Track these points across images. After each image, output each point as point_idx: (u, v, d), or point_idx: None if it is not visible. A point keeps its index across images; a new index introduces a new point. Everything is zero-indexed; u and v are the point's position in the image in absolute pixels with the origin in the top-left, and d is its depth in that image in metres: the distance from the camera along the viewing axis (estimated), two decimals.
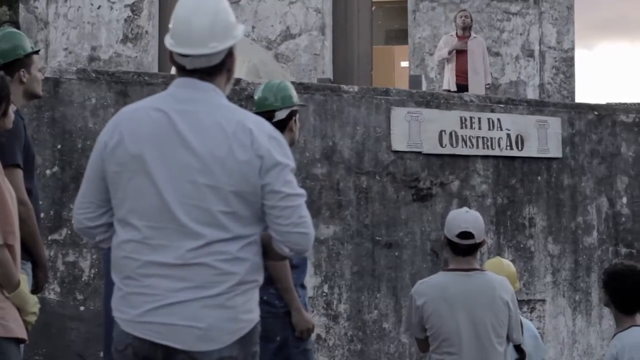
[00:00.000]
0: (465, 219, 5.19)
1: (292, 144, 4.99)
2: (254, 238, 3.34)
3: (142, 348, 3.29)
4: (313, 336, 5.21)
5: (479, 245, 5.17)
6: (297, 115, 5.20)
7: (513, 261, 9.69)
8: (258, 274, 3.37)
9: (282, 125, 4.95)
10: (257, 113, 4.39)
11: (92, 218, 3.45)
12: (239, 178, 3.24)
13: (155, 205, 3.27)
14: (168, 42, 3.38)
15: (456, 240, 5.12)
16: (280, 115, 5.01)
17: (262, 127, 3.34)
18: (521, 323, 5.50)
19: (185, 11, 3.36)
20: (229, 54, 3.38)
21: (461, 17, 13.13)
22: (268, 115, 4.88)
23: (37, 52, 5.22)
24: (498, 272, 6.24)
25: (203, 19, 3.32)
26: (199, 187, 3.24)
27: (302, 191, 3.35)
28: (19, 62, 4.98)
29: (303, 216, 3.30)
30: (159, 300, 3.25)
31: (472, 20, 13.31)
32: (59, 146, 7.97)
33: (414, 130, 9.37)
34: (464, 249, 5.13)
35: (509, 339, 5.24)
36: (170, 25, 3.39)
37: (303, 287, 5.10)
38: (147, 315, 3.26)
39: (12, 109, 4.43)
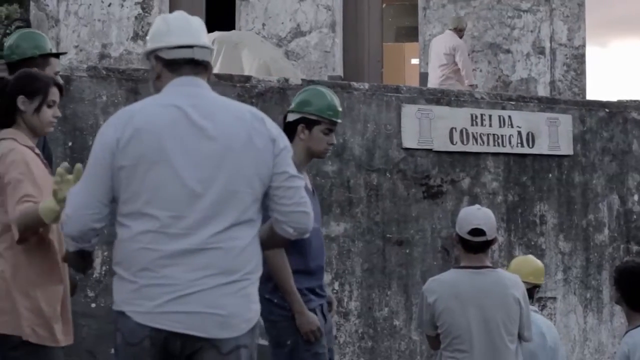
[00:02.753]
0: (477, 216, 5.19)
1: (312, 155, 5.06)
2: (259, 225, 3.50)
3: (160, 339, 3.33)
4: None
5: (490, 243, 5.16)
6: (318, 127, 5.02)
7: None
8: (262, 266, 3.52)
9: (291, 130, 4.98)
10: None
11: (99, 219, 3.45)
12: (259, 161, 3.42)
13: (178, 195, 3.33)
14: (167, 40, 3.52)
15: (468, 237, 5.11)
16: (289, 117, 5.06)
17: (268, 118, 3.58)
18: None
19: (176, 16, 3.66)
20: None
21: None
22: (286, 114, 5.06)
23: (56, 56, 5.28)
24: (525, 266, 6.26)
25: (196, 20, 3.64)
26: (224, 173, 3.37)
27: (300, 175, 3.58)
28: (33, 62, 5.01)
29: (303, 196, 3.51)
30: (178, 291, 3.31)
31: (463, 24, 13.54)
32: (70, 143, 7.98)
33: (424, 128, 9.36)
34: (475, 246, 5.12)
35: (520, 336, 5.23)
36: (158, 31, 3.57)
37: (318, 294, 4.97)
38: (166, 306, 3.31)
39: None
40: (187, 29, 3.57)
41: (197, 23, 3.63)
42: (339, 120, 5.09)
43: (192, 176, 3.34)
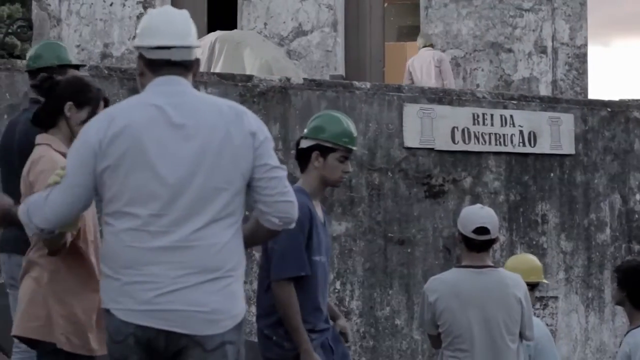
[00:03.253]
0: (481, 214, 5.19)
1: (327, 183, 4.80)
2: (241, 221, 3.50)
3: (144, 336, 3.37)
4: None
5: (493, 242, 5.15)
6: (334, 155, 4.71)
7: None
8: (244, 262, 3.52)
9: (305, 156, 4.74)
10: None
11: (75, 215, 3.55)
12: (239, 156, 3.43)
13: (158, 193, 3.37)
14: (147, 41, 3.53)
15: (472, 236, 5.10)
16: (302, 144, 4.78)
17: (248, 110, 3.57)
18: None
19: (160, 13, 3.64)
20: (197, 59, 3.61)
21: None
22: (300, 140, 4.81)
23: (75, 67, 5.33)
24: (523, 264, 6.21)
25: (180, 16, 3.58)
26: (203, 170, 3.39)
27: (283, 166, 3.55)
28: (49, 71, 5.02)
29: (287, 186, 3.50)
30: (162, 288, 3.34)
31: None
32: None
33: (426, 127, 9.36)
34: (478, 244, 5.11)
35: (521, 336, 5.22)
36: (143, 29, 3.58)
37: (320, 330, 4.72)
38: (149, 303, 3.34)
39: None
40: (167, 28, 3.53)
41: (180, 20, 3.57)
42: (355, 148, 4.80)
43: (171, 175, 3.37)
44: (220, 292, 3.38)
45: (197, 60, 3.60)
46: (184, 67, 3.53)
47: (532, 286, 6.21)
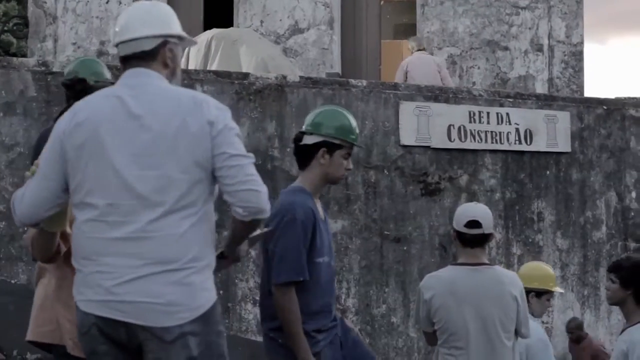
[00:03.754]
0: (473, 209, 5.21)
1: (328, 181, 4.70)
2: (206, 211, 3.47)
3: (105, 327, 3.39)
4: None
5: (486, 237, 5.14)
6: (340, 151, 4.62)
7: (522, 256, 9.69)
8: (209, 252, 3.49)
9: (308, 153, 4.62)
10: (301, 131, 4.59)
11: (52, 208, 3.59)
12: (195, 146, 3.42)
13: (114, 184, 3.40)
14: (113, 39, 3.67)
15: (464, 230, 5.11)
16: (307, 140, 4.64)
17: (208, 98, 3.57)
18: None
19: (124, 10, 3.75)
20: (163, 47, 3.61)
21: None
22: (301, 135, 4.66)
23: (112, 84, 5.42)
24: (537, 271, 6.18)
25: (136, 12, 3.64)
26: (158, 160, 3.40)
27: (250, 154, 3.50)
28: (87, 84, 5.13)
29: (250, 174, 3.44)
30: (117, 278, 3.36)
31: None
32: None
33: (422, 125, 9.36)
34: (471, 239, 5.11)
35: (517, 333, 5.22)
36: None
37: (328, 329, 4.61)
38: (107, 294, 3.36)
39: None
40: (119, 26, 3.63)
41: (131, 14, 3.63)
42: (360, 145, 4.83)
43: (128, 165, 3.39)
44: (178, 284, 3.36)
45: (155, 50, 3.59)
46: (142, 58, 3.58)
47: (541, 293, 6.19)
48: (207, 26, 13.42)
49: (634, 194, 10.29)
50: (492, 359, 5.07)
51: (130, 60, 3.60)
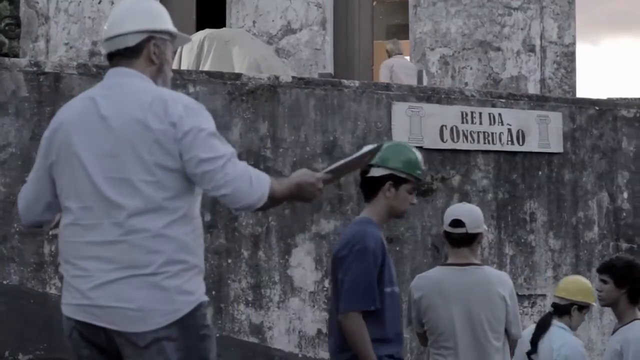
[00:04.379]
0: (458, 208, 5.23)
1: (393, 214, 4.78)
2: (184, 212, 3.37)
3: (85, 330, 3.37)
4: (314, 331, 4.99)
5: (472, 237, 5.13)
6: (405, 186, 4.71)
7: (514, 256, 9.70)
8: (188, 254, 3.38)
9: (374, 185, 4.71)
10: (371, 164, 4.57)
11: (46, 211, 3.60)
12: (156, 147, 3.33)
13: (85, 186, 3.38)
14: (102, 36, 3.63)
15: (449, 229, 5.14)
16: (373, 172, 4.72)
17: (179, 98, 3.44)
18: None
19: (114, 9, 3.65)
20: (148, 42, 3.53)
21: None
22: (367, 168, 4.71)
23: None
24: (574, 285, 6.15)
25: (122, 8, 3.58)
26: (122, 160, 3.34)
27: (224, 151, 3.35)
28: None
29: (222, 177, 3.32)
30: (92, 281, 3.32)
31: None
32: None
33: (414, 125, 9.37)
34: (456, 238, 5.12)
35: (508, 334, 5.22)
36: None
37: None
38: (83, 298, 3.34)
39: None
40: (111, 21, 3.58)
41: (115, 11, 3.59)
42: (427, 181, 4.83)
43: (95, 167, 3.36)
44: (150, 288, 3.29)
45: (140, 45, 3.52)
46: (122, 55, 3.51)
47: (582, 307, 6.17)
48: (200, 26, 13.41)
49: (625, 195, 10.31)
50: (480, 359, 5.08)
51: (114, 57, 3.54)
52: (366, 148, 4.03)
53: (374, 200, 4.66)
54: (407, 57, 13.34)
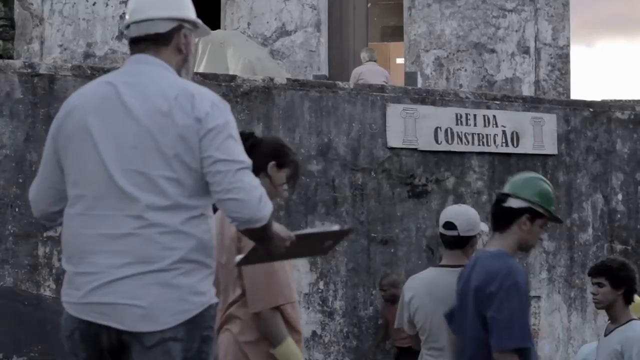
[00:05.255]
0: (451, 211, 5.22)
1: (523, 248, 4.66)
2: (201, 212, 3.27)
3: (88, 331, 3.22)
4: (308, 333, 5.02)
5: (465, 240, 5.13)
6: (540, 221, 4.60)
7: None
8: (204, 253, 3.28)
9: (510, 216, 4.60)
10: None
11: (56, 202, 3.42)
12: (180, 142, 3.21)
13: (97, 174, 3.23)
14: (124, 22, 3.47)
15: (442, 231, 5.15)
16: (511, 203, 4.61)
17: (206, 94, 3.34)
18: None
19: None
20: (178, 31, 3.42)
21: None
22: (503, 197, 4.63)
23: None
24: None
25: None
26: (142, 152, 3.21)
27: (242, 158, 3.24)
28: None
29: (234, 182, 3.18)
30: (101, 279, 3.17)
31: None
32: None
33: (409, 127, 9.37)
34: (448, 240, 5.13)
35: None
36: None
37: None
38: (90, 296, 3.19)
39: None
40: (132, 9, 3.43)
41: None
42: (560, 220, 4.72)
43: (112, 157, 3.22)
44: (162, 286, 3.16)
45: (170, 33, 3.40)
46: (151, 41, 3.38)
47: None
48: None
49: (620, 196, 10.33)
50: None
51: (141, 43, 3.39)
52: (336, 227, 3.95)
53: (507, 232, 4.56)
54: (405, 61, 13.37)
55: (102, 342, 3.23)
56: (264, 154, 4.29)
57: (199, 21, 3.51)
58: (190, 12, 3.48)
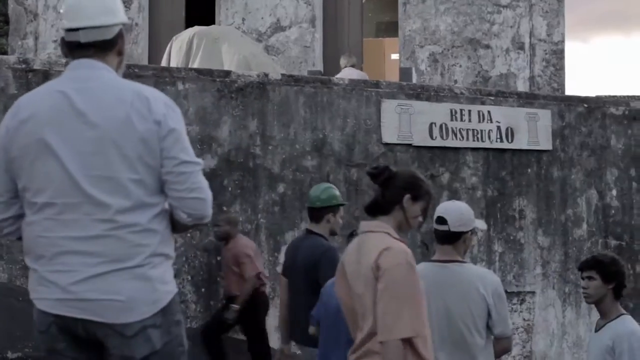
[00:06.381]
0: (444, 206, 5.23)
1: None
2: (161, 208, 3.44)
3: (64, 324, 3.37)
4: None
5: (456, 235, 5.12)
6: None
7: (503, 253, 9.72)
8: (169, 246, 3.49)
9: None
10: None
11: (2, 210, 3.51)
12: (141, 145, 3.35)
13: (63, 182, 3.34)
14: (61, 25, 3.50)
15: (435, 226, 5.16)
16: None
17: (157, 95, 3.46)
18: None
19: None
20: (120, 35, 3.51)
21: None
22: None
23: (343, 204, 6.61)
24: None
25: None
26: (104, 158, 3.33)
27: (199, 160, 3.48)
28: (330, 208, 6.49)
29: (197, 182, 3.43)
30: (75, 276, 3.32)
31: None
32: None
33: (404, 123, 9.38)
34: (440, 235, 5.14)
35: (492, 333, 5.19)
36: (63, 10, 3.51)
37: None
38: (65, 292, 3.33)
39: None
40: (78, 9, 3.45)
41: (90, 1, 3.47)
42: None
43: (75, 164, 3.33)
44: (136, 279, 3.34)
45: (115, 39, 3.48)
46: (98, 47, 3.45)
47: None
48: (189, 24, 13.40)
49: (614, 192, 10.34)
50: (457, 354, 5.07)
51: (77, 49, 3.45)
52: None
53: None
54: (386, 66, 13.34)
55: (80, 334, 3.39)
56: (399, 187, 4.38)
57: (128, 21, 3.63)
58: (124, 13, 3.59)
